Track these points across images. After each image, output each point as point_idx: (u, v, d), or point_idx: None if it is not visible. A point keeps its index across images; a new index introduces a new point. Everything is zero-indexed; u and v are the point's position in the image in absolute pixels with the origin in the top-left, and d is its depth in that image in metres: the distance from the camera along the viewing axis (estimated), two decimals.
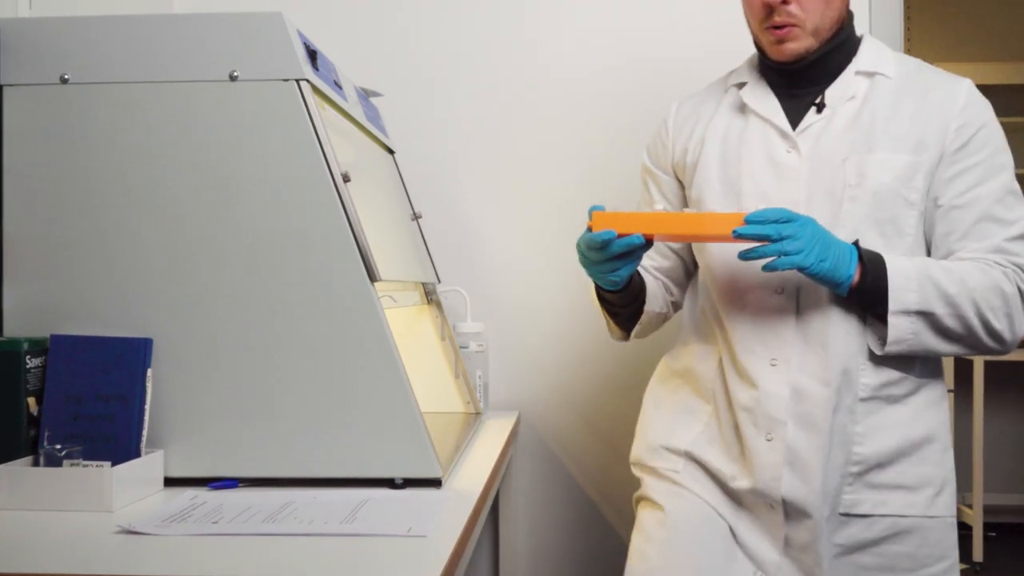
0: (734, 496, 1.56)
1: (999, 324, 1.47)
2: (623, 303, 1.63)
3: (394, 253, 1.72)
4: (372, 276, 1.40)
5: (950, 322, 1.45)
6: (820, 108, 1.56)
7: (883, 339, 1.47)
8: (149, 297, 1.42)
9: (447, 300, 2.26)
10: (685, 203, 1.70)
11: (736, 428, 1.54)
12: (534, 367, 2.36)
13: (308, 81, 1.44)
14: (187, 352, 1.41)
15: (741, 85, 1.66)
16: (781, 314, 1.51)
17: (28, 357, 1.35)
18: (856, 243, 1.46)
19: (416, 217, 2.14)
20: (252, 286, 1.41)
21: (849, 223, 1.48)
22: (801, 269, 1.39)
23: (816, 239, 1.39)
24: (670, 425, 1.64)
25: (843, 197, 1.49)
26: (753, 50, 1.66)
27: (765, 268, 1.39)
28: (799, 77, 1.58)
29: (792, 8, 1.50)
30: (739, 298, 1.55)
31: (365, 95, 2.00)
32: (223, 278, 1.42)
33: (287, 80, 1.42)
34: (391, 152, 2.17)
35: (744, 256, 1.39)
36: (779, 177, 1.53)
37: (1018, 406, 4.73)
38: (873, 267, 1.44)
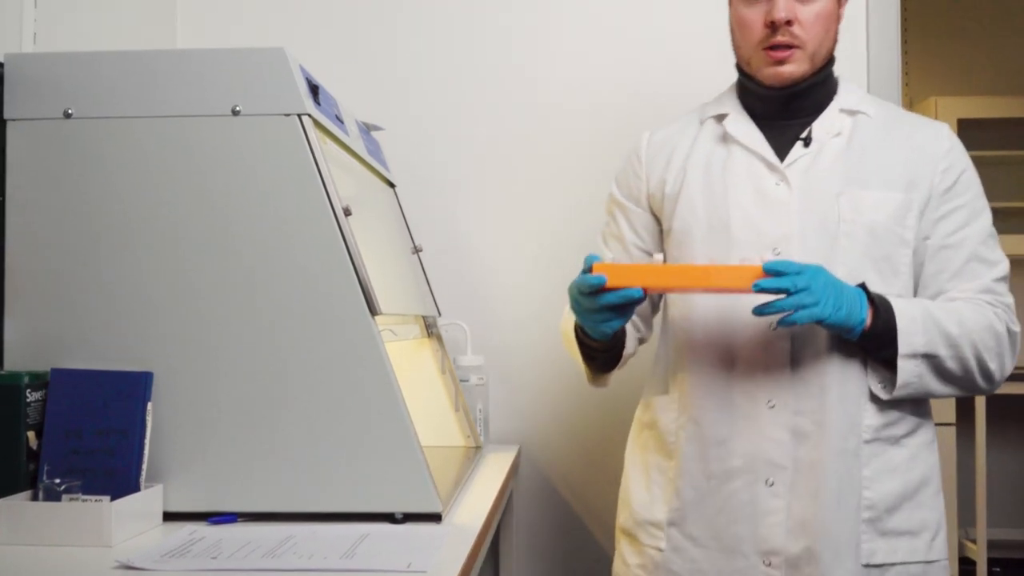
0: (724, 559, 1.51)
1: (993, 365, 1.47)
2: (604, 347, 1.58)
3: (395, 286, 1.72)
4: (373, 310, 1.41)
5: (951, 364, 1.45)
6: (807, 142, 1.54)
7: (884, 382, 1.47)
8: (150, 331, 1.42)
9: (447, 333, 2.25)
10: (658, 236, 1.67)
11: (721, 478, 1.50)
12: (535, 400, 2.36)
13: (310, 116, 1.44)
14: (187, 386, 1.41)
15: (720, 117, 1.62)
16: (776, 353, 1.49)
17: (29, 391, 1.34)
18: (863, 286, 1.44)
19: (417, 250, 2.15)
20: (253, 320, 1.41)
21: (848, 260, 1.47)
22: (819, 321, 1.37)
23: (829, 288, 1.38)
24: (648, 491, 1.60)
25: (838, 232, 1.48)
26: (729, 82, 1.65)
27: (782, 324, 1.36)
28: (784, 108, 1.56)
29: (795, 29, 1.49)
30: (731, 337, 1.51)
31: (366, 129, 2.01)
32: (224, 312, 1.42)
33: (289, 115, 1.43)
34: (392, 186, 2.18)
35: (760, 311, 1.36)
36: (769, 210, 1.51)
37: (1021, 440, 4.71)
38: (884, 310, 1.43)
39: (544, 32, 2.38)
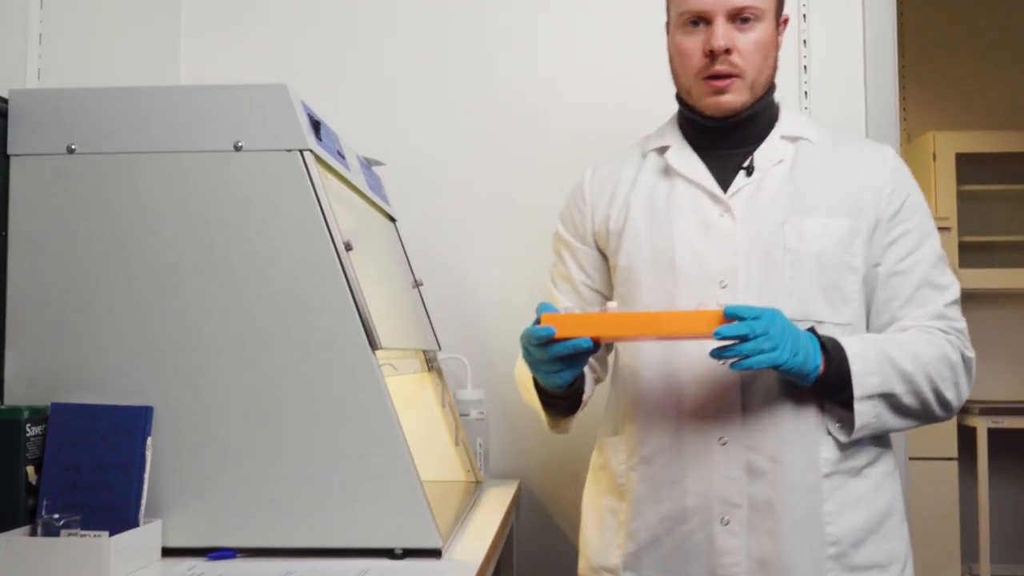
0: None
1: (949, 394, 1.45)
2: (563, 395, 1.54)
3: (395, 321, 1.73)
4: (373, 344, 1.41)
5: (908, 399, 1.43)
6: (749, 171, 1.51)
7: (841, 423, 1.44)
8: (151, 365, 1.42)
9: (447, 367, 2.25)
10: (607, 274, 1.64)
11: (676, 519, 1.46)
12: (535, 435, 2.35)
13: (311, 151, 1.45)
14: (187, 420, 1.41)
15: (662, 149, 1.60)
16: (726, 395, 1.45)
17: (28, 425, 1.34)
18: (812, 329, 1.42)
19: (417, 284, 2.15)
20: (253, 354, 1.41)
21: (797, 290, 1.45)
22: (777, 366, 1.34)
23: (786, 333, 1.35)
24: (601, 535, 1.57)
25: (784, 262, 1.45)
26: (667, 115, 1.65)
27: (736, 367, 1.33)
28: (725, 138, 1.54)
29: (734, 58, 1.47)
30: (679, 380, 1.48)
31: (367, 164, 2.02)
32: (224, 346, 1.42)
33: (291, 150, 1.44)
34: (393, 220, 2.19)
35: (718, 355, 1.33)
36: (714, 242, 1.48)
37: (1023, 475, 4.69)
38: (836, 354, 1.40)
39: (548, 68, 2.40)
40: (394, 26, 2.43)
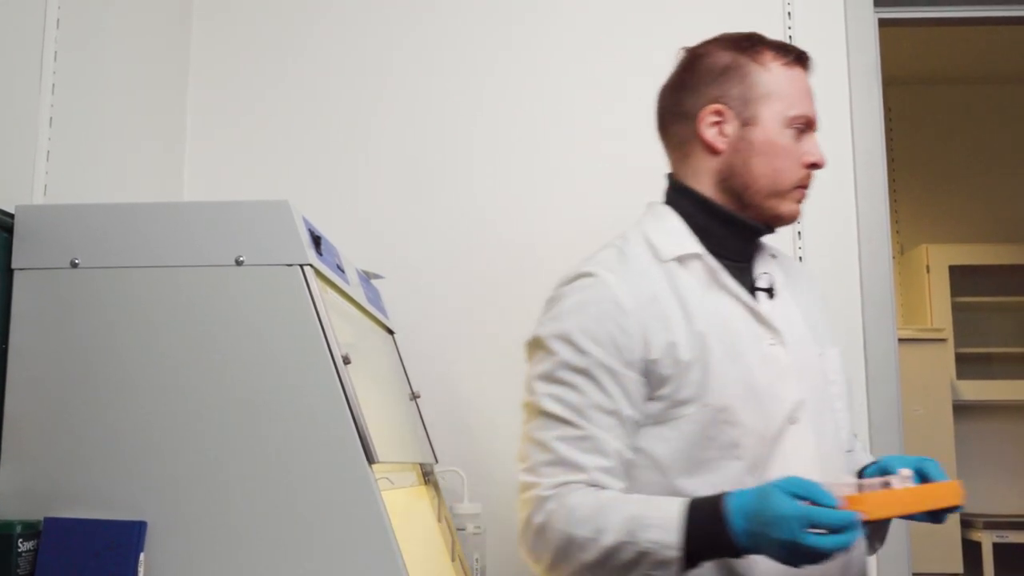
0: None
1: None
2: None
3: (392, 434, 1.72)
4: (370, 458, 1.40)
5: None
6: (771, 294, 1.44)
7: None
8: (148, 480, 1.41)
9: (444, 481, 2.23)
10: (639, 408, 1.36)
11: None
12: None
13: (312, 266, 1.47)
14: (181, 535, 1.39)
15: (685, 258, 1.41)
16: None
17: (20, 541, 1.32)
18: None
19: (415, 396, 2.15)
20: (249, 469, 1.40)
21: (846, 424, 1.42)
22: None
23: None
24: None
25: (829, 395, 1.39)
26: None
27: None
28: (744, 249, 1.46)
29: None
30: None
31: (367, 277, 2.04)
32: (221, 460, 1.41)
33: (291, 265, 1.45)
34: (391, 332, 2.20)
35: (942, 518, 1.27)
36: (780, 376, 1.35)
37: None
38: None
39: (540, 179, 2.44)
40: (395, 141, 2.48)
